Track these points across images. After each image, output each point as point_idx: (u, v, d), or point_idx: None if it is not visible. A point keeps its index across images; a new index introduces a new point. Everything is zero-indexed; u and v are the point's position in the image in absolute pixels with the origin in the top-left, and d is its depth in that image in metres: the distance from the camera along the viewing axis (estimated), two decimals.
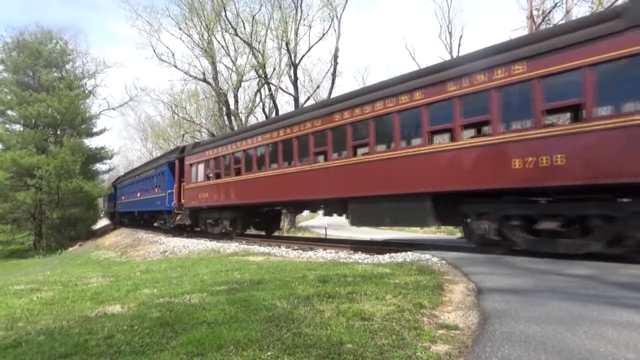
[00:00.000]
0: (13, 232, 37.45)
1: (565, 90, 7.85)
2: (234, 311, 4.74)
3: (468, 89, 9.16)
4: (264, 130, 15.99)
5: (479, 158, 8.98)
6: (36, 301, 6.69)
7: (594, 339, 3.46)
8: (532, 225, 8.54)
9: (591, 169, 7.41)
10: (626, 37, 7.11)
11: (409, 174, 10.31)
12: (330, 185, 12.49)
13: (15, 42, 39.09)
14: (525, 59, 8.29)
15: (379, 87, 11.50)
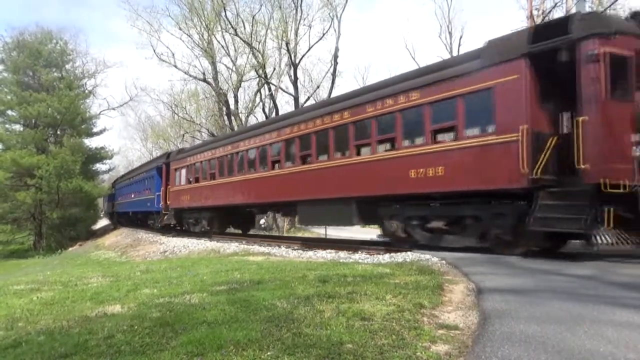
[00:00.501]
0: (13, 232, 37.45)
1: (446, 115, 9.68)
2: (234, 311, 4.74)
3: (381, 110, 11.16)
4: (231, 140, 18.28)
5: (388, 169, 10.81)
6: (36, 301, 6.69)
7: (594, 339, 3.46)
8: (426, 224, 10.41)
9: (462, 178, 9.14)
10: (483, 73, 8.90)
11: (339, 182, 12.21)
12: (285, 190, 14.43)
13: (15, 42, 39.11)
14: (418, 88, 10.22)
15: (319, 106, 14.29)
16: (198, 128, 42.04)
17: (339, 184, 12.20)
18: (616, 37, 7.65)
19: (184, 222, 23.52)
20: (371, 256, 10.35)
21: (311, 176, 13.35)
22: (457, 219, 9.81)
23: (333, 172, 12.51)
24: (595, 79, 7.57)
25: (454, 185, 9.34)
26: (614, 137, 7.63)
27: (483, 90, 8.93)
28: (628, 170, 7.48)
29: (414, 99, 10.32)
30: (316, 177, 13.13)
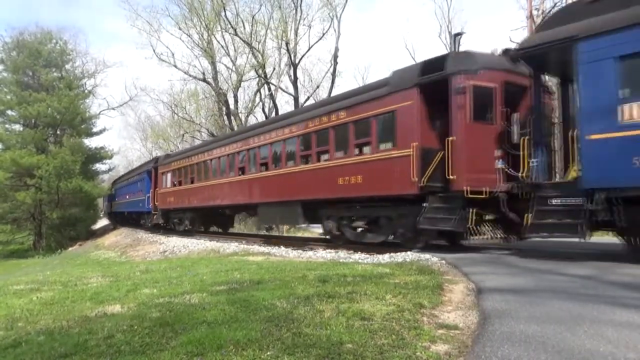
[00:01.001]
0: (13, 232, 37.44)
1: (364, 132, 11.49)
2: (234, 311, 4.74)
3: (319, 126, 12.96)
4: (206, 148, 20.64)
5: (323, 176, 12.61)
6: (36, 301, 6.69)
7: (593, 339, 3.46)
8: (352, 224, 12.32)
9: (374, 186, 10.96)
10: (389, 98, 10.68)
11: (289, 187, 14.07)
12: (249, 193, 16.42)
13: (15, 42, 39.09)
14: (345, 108, 12.08)
15: (275, 121, 16.56)
16: (198, 128, 42.02)
17: (289, 189, 14.10)
18: (481, 72, 9.50)
19: (170, 221, 25.51)
20: (371, 256, 10.36)
21: (268, 182, 15.31)
22: (375, 219, 11.71)
23: (285, 178, 14.41)
24: (462, 106, 9.39)
25: (369, 191, 11.23)
26: (477, 153, 9.37)
27: (389, 112, 10.78)
28: (492, 179, 9.22)
29: (342, 117, 12.20)
30: (272, 183, 15.07)
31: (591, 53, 7.53)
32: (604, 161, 7.32)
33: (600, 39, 7.42)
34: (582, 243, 8.01)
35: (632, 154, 6.94)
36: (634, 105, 7.02)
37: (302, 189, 13.47)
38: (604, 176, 7.31)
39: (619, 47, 7.20)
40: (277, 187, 14.76)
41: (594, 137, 7.42)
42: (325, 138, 12.76)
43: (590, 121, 7.52)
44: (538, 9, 21.94)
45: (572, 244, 9.45)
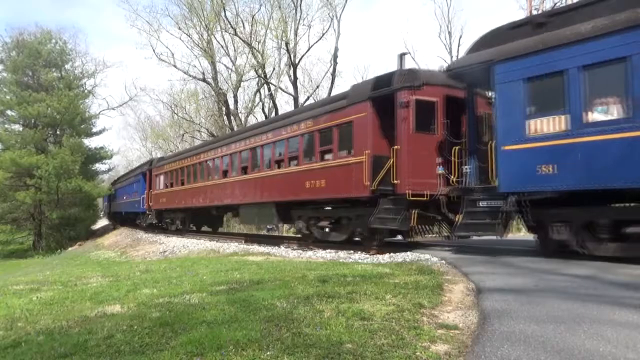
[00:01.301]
0: (13, 232, 37.36)
1: (328, 140, 12.49)
2: (234, 311, 4.74)
3: (291, 133, 13.99)
4: (195, 152, 22.04)
5: (294, 180, 13.59)
6: (36, 301, 6.69)
7: (593, 339, 3.46)
8: (318, 223, 13.29)
9: (335, 189, 11.99)
10: (348, 110, 11.71)
11: (265, 189, 15.17)
12: (231, 195, 17.48)
13: (15, 41, 38.98)
14: (312, 118, 13.12)
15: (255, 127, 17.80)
16: (198, 128, 42.03)
17: (265, 191, 15.22)
18: (424, 88, 10.45)
19: (163, 221, 26.69)
20: (371, 256, 10.36)
21: (247, 184, 16.39)
22: (338, 219, 12.77)
23: (261, 182, 15.48)
24: (405, 118, 10.38)
25: (331, 194, 12.25)
26: (419, 161, 10.32)
27: (347, 122, 11.80)
28: (433, 184, 10.18)
29: (309, 126, 13.22)
30: (250, 185, 16.17)
31: (505, 74, 8.56)
32: (515, 169, 8.36)
33: (512, 62, 8.47)
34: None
35: (536, 163, 8.03)
36: (537, 121, 8.14)
37: (276, 192, 14.64)
38: (515, 182, 8.36)
39: (526, 70, 8.26)
40: (255, 190, 15.86)
41: (507, 148, 8.46)
42: (295, 145, 13.89)
43: (504, 134, 8.57)
44: (538, 8, 21.95)
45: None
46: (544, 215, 8.33)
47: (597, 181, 7.35)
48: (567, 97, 7.74)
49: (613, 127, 7.27)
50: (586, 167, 7.47)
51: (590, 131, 7.46)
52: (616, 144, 7.21)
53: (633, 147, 7.00)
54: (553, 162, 7.89)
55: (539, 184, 8.01)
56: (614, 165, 7.18)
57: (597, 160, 7.36)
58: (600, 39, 7.40)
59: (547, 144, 7.99)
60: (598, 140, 7.37)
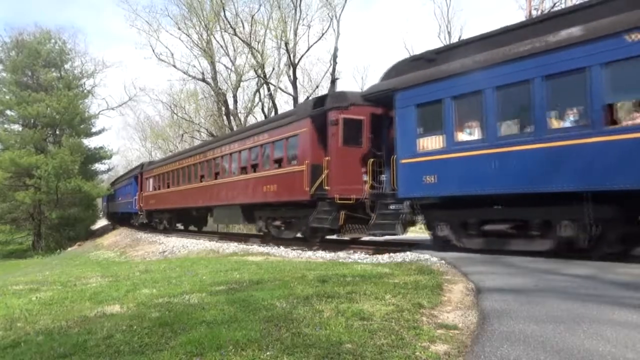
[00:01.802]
0: (12, 232, 37.32)
1: (280, 150, 14.57)
2: (233, 311, 4.74)
3: (252, 144, 16.18)
4: (178, 157, 24.48)
5: (254, 185, 15.68)
6: (35, 301, 6.68)
7: (593, 339, 3.46)
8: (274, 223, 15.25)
9: (284, 193, 13.87)
10: (295, 124, 13.71)
11: (233, 193, 17.17)
12: (207, 197, 19.58)
13: (14, 41, 38.93)
14: (268, 131, 15.29)
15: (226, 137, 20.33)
16: (197, 128, 42.03)
17: (232, 194, 17.17)
18: (351, 108, 12.19)
19: (152, 221, 28.69)
20: (370, 256, 10.37)
21: (219, 188, 18.47)
22: (288, 219, 14.69)
23: (229, 186, 17.50)
24: (335, 134, 12.23)
25: (281, 197, 14.19)
26: (346, 169, 12.08)
27: (294, 135, 13.73)
28: (359, 189, 11.80)
29: (266, 138, 15.31)
30: (221, 189, 18.19)
31: (402, 101, 10.22)
32: (408, 178, 10.04)
33: (407, 91, 10.16)
34: None
35: (422, 174, 9.73)
36: (424, 140, 9.91)
37: (241, 195, 16.62)
38: (408, 189, 10.08)
39: (417, 98, 9.93)
40: (225, 193, 17.93)
41: (404, 161, 10.17)
42: (256, 154, 16.03)
43: (402, 149, 10.25)
44: (537, 8, 21.97)
45: None
46: (431, 216, 10.17)
47: (466, 189, 9.05)
48: (444, 121, 9.42)
49: (473, 146, 9.00)
50: (457, 177, 9.16)
51: (459, 149, 9.18)
52: (475, 159, 8.88)
53: (487, 161, 8.66)
54: (434, 173, 9.61)
55: (425, 191, 9.82)
56: (476, 175, 8.83)
57: (464, 172, 9.04)
58: (464, 75, 9.06)
59: (430, 159, 9.77)
60: (464, 156, 9.07)
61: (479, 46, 9.16)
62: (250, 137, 16.41)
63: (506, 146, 8.47)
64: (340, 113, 12.22)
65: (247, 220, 17.47)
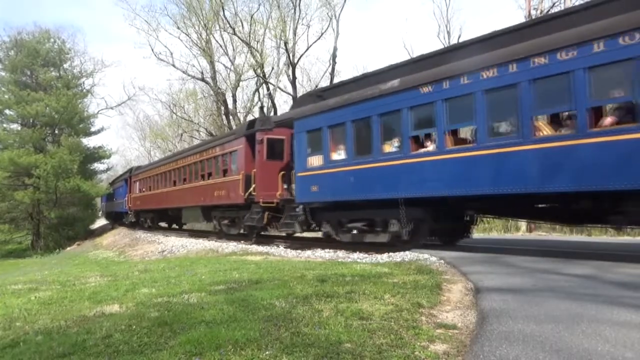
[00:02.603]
0: (11, 231, 37.22)
1: (225, 162, 17.88)
2: (233, 311, 4.74)
3: (207, 155, 19.51)
4: (157, 164, 28.47)
5: (209, 189, 18.79)
6: (34, 301, 6.68)
7: (592, 338, 3.47)
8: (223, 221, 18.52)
9: (228, 197, 16.81)
10: (235, 142, 16.86)
11: (195, 196, 20.45)
12: (178, 200, 22.83)
13: (13, 41, 38.84)
14: (219, 145, 18.52)
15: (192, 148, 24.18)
16: (196, 127, 42.01)
17: (195, 197, 20.51)
18: (274, 129, 15.17)
19: (139, 220, 31.76)
20: (369, 255, 10.37)
21: (186, 192, 21.79)
22: (233, 218, 17.78)
23: (193, 190, 20.82)
24: (260, 151, 15.18)
25: (226, 201, 17.22)
26: (269, 179, 14.82)
27: (234, 151, 16.90)
28: (279, 194, 14.51)
29: (217, 151, 18.51)
30: (187, 193, 21.59)
31: (298, 127, 13.14)
32: (301, 188, 12.88)
33: (301, 120, 13.05)
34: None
35: (310, 184, 12.51)
36: (311, 158, 12.64)
37: (201, 198, 19.72)
38: (302, 196, 12.96)
39: (307, 125, 12.79)
40: (190, 196, 21.18)
41: (299, 174, 13.02)
42: (211, 164, 19.18)
43: (298, 165, 13.06)
44: (536, 8, 21.97)
45: None
46: (318, 217, 13.00)
47: (337, 196, 11.86)
48: (323, 144, 12.25)
49: (340, 164, 11.78)
50: (331, 187, 11.93)
51: (332, 165, 11.95)
52: (341, 173, 11.69)
53: (348, 176, 11.48)
54: (317, 184, 12.33)
55: (312, 197, 12.63)
56: (342, 186, 11.63)
57: (335, 183, 11.80)
58: (335, 110, 11.87)
59: (314, 173, 12.46)
60: (335, 171, 11.87)
61: (349, 88, 12.16)
62: (207, 150, 19.71)
63: (358, 165, 11.31)
64: (265, 134, 15.20)
65: (205, 219, 20.50)
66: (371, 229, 11.36)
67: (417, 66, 10.38)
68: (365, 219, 11.48)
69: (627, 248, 10.61)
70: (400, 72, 10.74)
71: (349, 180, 11.35)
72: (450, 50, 10.65)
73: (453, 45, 14.99)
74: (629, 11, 6.99)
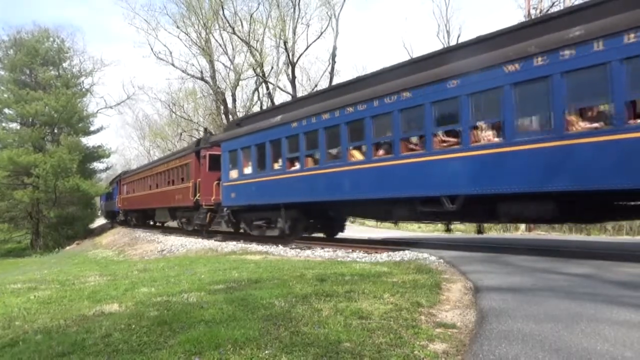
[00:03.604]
0: (10, 230, 37.21)
1: (181, 172, 21.36)
2: (232, 310, 4.74)
3: (167, 167, 23.72)
4: (137, 171, 32.56)
5: (172, 194, 22.42)
6: (33, 300, 6.68)
7: (591, 338, 3.47)
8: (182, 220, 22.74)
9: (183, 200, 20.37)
10: (187, 156, 20.75)
11: (164, 199, 24.11)
12: (152, 201, 26.68)
13: (12, 40, 38.80)
14: (178, 158, 22.37)
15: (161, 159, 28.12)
16: (196, 127, 41.97)
17: (164, 200, 24.30)
18: (214, 147, 18.33)
19: (127, 218, 35.56)
20: (369, 255, 10.37)
21: (157, 195, 25.52)
22: (189, 217, 21.51)
23: (162, 194, 24.49)
24: (203, 164, 18.92)
25: (183, 203, 20.82)
26: (209, 187, 18.20)
27: (187, 163, 20.54)
28: (218, 199, 17.47)
29: (177, 162, 22.40)
30: (158, 196, 25.26)
31: (224, 147, 16.80)
32: (225, 194, 16.50)
33: (225, 142, 16.73)
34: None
35: (231, 192, 16.16)
36: (231, 171, 16.29)
37: (168, 201, 23.51)
38: (226, 201, 16.56)
39: (229, 146, 16.39)
40: (160, 199, 24.96)
41: (224, 184, 16.58)
42: (173, 173, 22.98)
43: (223, 177, 16.68)
44: (536, 7, 21.96)
45: None
46: (238, 217, 16.67)
47: (247, 201, 15.43)
48: (237, 162, 15.96)
49: (248, 176, 15.32)
50: (244, 194, 15.43)
51: (243, 178, 15.57)
52: (249, 184, 15.21)
53: (252, 185, 15.01)
54: (235, 192, 16.01)
55: (232, 202, 16.29)
56: (249, 193, 15.15)
57: (246, 191, 15.37)
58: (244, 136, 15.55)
59: (233, 183, 16.13)
60: (245, 182, 15.42)
61: (257, 119, 15.77)
62: (171, 161, 23.72)
63: (258, 177, 14.81)
64: (207, 150, 19.10)
65: (172, 218, 25.01)
66: (269, 225, 15.08)
67: (298, 105, 14.16)
68: (265, 218, 15.21)
69: (626, 248, 10.62)
70: (292, 107, 14.29)
71: (253, 189, 15.05)
72: (313, 96, 14.58)
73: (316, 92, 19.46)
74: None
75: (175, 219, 24.52)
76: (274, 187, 14.01)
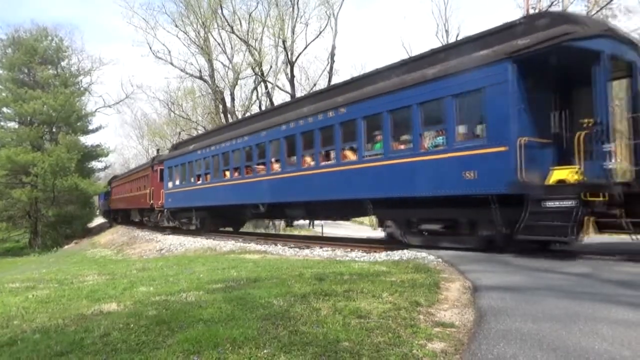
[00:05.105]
0: (8, 229, 37.20)
1: (145, 181, 27.81)
2: (231, 309, 4.74)
3: (139, 175, 29.81)
4: (122, 176, 38.09)
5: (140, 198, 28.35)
6: (32, 299, 6.67)
7: (589, 337, 3.48)
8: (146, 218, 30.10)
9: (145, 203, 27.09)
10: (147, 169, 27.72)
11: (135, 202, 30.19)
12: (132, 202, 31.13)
13: (11, 39, 38.78)
14: (142, 170, 29.84)
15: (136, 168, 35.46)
16: (194, 126, 41.90)
17: (135, 202, 29.50)
18: (163, 163, 24.30)
19: (115, 217, 41.18)
20: (368, 254, 10.38)
21: (132, 198, 30.65)
22: (149, 216, 27.60)
23: (135, 197, 29.57)
24: (155, 176, 25.58)
25: (144, 205, 26.73)
26: (158, 194, 24.52)
27: (147, 175, 26.97)
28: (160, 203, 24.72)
29: (141, 174, 28.53)
30: (133, 199, 30.54)
31: (166, 164, 23.44)
32: (166, 199, 23.07)
33: (167, 160, 23.47)
34: None
35: (169, 197, 22.69)
36: (170, 182, 22.63)
37: (137, 203, 28.90)
38: (167, 204, 23.12)
39: (170, 163, 22.86)
40: (134, 201, 30.23)
41: (165, 191, 23.20)
42: (140, 181, 28.52)
43: (165, 186, 23.27)
44: (535, 7, 21.97)
45: None
46: (175, 216, 22.85)
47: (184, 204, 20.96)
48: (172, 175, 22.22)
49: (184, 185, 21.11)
50: (181, 199, 21.23)
51: (178, 186, 21.59)
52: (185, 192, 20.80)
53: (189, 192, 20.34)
54: (171, 197, 22.25)
55: (170, 205, 22.43)
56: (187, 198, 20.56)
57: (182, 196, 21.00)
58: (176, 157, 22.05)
59: (170, 191, 22.26)
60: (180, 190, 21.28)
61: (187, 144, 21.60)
62: (140, 171, 29.36)
63: (182, 188, 21.09)
64: (158, 166, 25.02)
65: (141, 217, 30.36)
66: (190, 222, 21.40)
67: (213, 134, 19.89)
68: (188, 217, 21.52)
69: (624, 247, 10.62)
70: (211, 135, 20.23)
71: (180, 196, 21.38)
72: (218, 129, 20.99)
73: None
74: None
75: (143, 217, 30.70)
76: (190, 194, 20.39)
